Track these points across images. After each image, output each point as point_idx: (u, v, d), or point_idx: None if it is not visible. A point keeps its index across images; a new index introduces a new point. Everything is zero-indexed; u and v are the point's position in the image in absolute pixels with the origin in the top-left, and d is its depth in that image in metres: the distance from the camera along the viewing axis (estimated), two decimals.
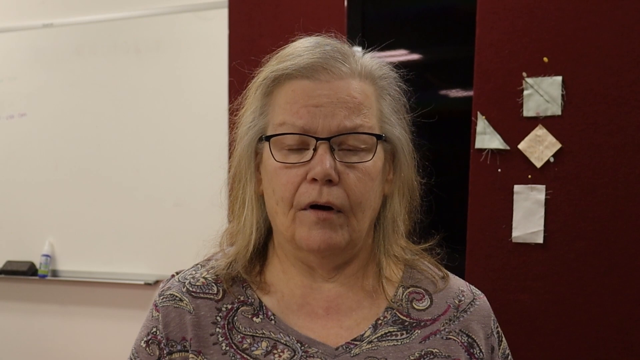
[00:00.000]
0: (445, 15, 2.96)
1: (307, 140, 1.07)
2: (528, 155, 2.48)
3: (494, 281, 2.54)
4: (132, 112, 3.81)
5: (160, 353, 1.19)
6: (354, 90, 1.09)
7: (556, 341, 2.50)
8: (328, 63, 1.09)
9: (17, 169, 4.09)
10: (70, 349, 4.13)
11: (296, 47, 1.14)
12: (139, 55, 3.77)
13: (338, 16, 2.86)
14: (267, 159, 1.12)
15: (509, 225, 2.53)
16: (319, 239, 1.09)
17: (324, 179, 1.06)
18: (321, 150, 1.06)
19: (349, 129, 1.07)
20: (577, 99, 2.43)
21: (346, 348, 1.14)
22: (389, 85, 1.18)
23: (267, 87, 1.13)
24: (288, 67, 1.09)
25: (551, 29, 2.45)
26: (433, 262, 1.28)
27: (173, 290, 1.22)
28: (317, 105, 1.07)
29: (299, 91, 1.08)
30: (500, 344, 1.24)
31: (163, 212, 3.74)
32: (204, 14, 3.58)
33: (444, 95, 2.99)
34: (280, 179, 1.09)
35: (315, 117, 1.06)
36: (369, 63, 1.15)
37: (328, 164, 1.05)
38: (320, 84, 1.08)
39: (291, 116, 1.07)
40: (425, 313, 1.20)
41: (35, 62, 4.03)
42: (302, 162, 1.08)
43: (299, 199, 1.08)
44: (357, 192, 1.09)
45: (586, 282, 2.45)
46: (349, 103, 1.07)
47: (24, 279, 4.13)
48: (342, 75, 1.09)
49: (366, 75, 1.13)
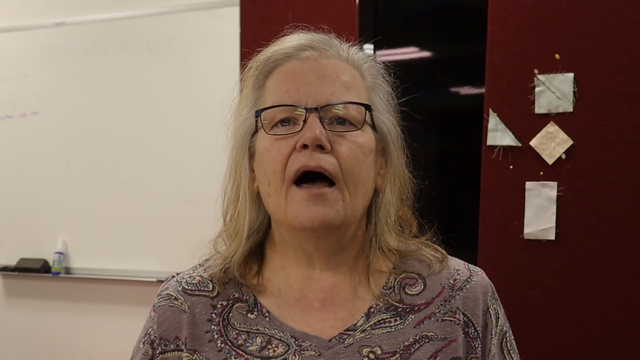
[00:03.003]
0: (457, 13, 2.96)
1: (297, 116, 1.08)
2: (540, 152, 2.47)
3: (505, 278, 2.54)
4: (144, 110, 3.82)
5: (153, 352, 1.20)
6: (342, 70, 1.11)
7: (567, 337, 2.49)
8: (315, 44, 1.12)
9: (30, 167, 4.11)
10: (83, 345, 4.15)
11: (283, 39, 1.17)
12: (150, 54, 3.78)
13: (350, 13, 2.86)
14: (260, 142, 1.13)
15: (521, 222, 2.52)
16: (312, 215, 1.07)
17: (314, 143, 1.05)
18: (311, 119, 1.06)
19: (337, 100, 1.08)
20: (588, 95, 2.42)
21: (339, 339, 1.14)
22: (377, 76, 1.19)
23: (258, 78, 1.15)
24: (276, 52, 1.13)
25: (563, 26, 2.45)
26: (432, 247, 1.26)
27: (170, 290, 1.24)
28: (306, 83, 1.08)
29: (288, 72, 1.11)
30: (497, 322, 1.20)
31: (175, 209, 3.75)
32: (216, 12, 3.59)
33: (456, 93, 2.99)
34: (271, 153, 1.09)
35: (304, 94, 1.08)
36: (357, 54, 1.17)
37: (318, 130, 1.05)
38: (308, 62, 1.10)
39: (282, 95, 1.09)
40: (418, 297, 1.19)
41: (47, 60, 4.05)
42: (292, 132, 1.08)
43: (290, 167, 1.08)
44: (348, 161, 1.08)
45: (598, 278, 2.45)
46: (336, 80, 1.09)
47: (37, 276, 4.15)
48: (329, 55, 1.11)
49: (354, 64, 1.15)
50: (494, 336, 1.19)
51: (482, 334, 1.18)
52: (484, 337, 1.18)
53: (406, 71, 1.33)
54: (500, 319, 1.21)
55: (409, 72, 3.00)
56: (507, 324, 1.23)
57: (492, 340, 1.19)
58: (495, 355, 1.19)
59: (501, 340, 1.21)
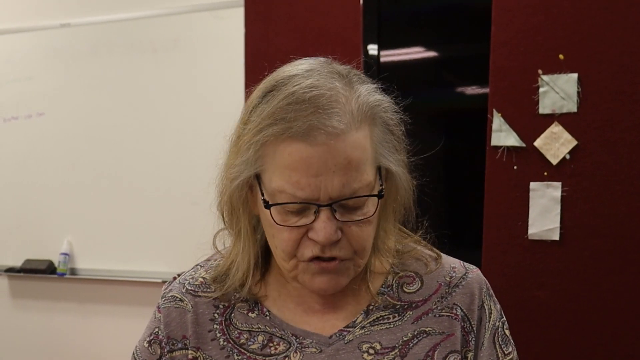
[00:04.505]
0: (461, 13, 2.96)
1: (308, 205, 1.06)
2: (544, 153, 2.48)
3: (510, 278, 2.54)
4: (149, 111, 3.83)
5: (162, 352, 1.23)
6: (351, 147, 1.04)
7: (572, 337, 2.50)
8: (324, 123, 1.02)
9: (35, 168, 4.12)
10: (89, 346, 4.16)
11: (288, 97, 1.05)
12: (155, 55, 3.79)
13: (354, 14, 2.87)
14: (266, 214, 1.10)
15: (525, 222, 2.53)
16: (325, 285, 1.12)
17: (328, 244, 1.06)
18: (323, 216, 1.05)
19: (348, 194, 1.05)
20: (592, 96, 2.43)
21: (339, 335, 1.18)
22: (386, 115, 1.12)
23: (258, 145, 1.07)
24: (281, 131, 1.04)
25: (566, 26, 2.45)
26: (426, 246, 1.28)
27: (174, 292, 1.28)
28: (316, 175, 1.03)
29: (296, 157, 1.03)
30: (490, 317, 1.23)
31: (180, 210, 3.75)
32: (220, 13, 3.60)
33: (460, 93, 2.99)
34: (282, 234, 1.09)
35: (315, 188, 1.03)
36: (365, 100, 1.08)
37: (331, 230, 1.05)
38: (317, 148, 1.02)
39: (291, 186, 1.04)
40: (416, 295, 1.22)
41: (52, 61, 4.06)
42: (304, 225, 1.07)
43: (302, 251, 1.09)
44: (360, 241, 1.09)
45: (602, 278, 2.45)
46: (346, 167, 1.04)
47: (42, 277, 4.16)
48: (337, 133, 1.03)
49: (362, 118, 1.07)
50: (487, 330, 1.22)
51: (476, 328, 1.21)
52: (477, 331, 1.21)
53: (410, 72, 1.34)
54: (494, 314, 1.24)
55: (413, 73, 3.01)
56: (502, 319, 1.25)
57: (485, 334, 1.22)
58: (487, 349, 1.21)
59: (493, 334, 1.23)
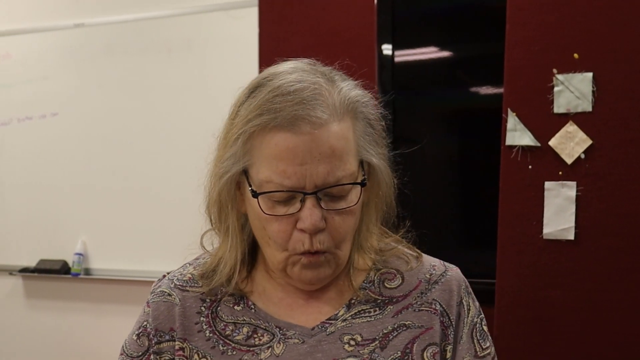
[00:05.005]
0: (475, 12, 2.96)
1: (294, 193, 1.13)
2: (559, 152, 2.47)
3: (524, 277, 2.54)
4: (163, 112, 3.84)
5: (149, 343, 1.29)
6: (334, 137, 1.12)
7: (587, 337, 2.49)
8: (308, 113, 1.10)
9: (49, 168, 4.15)
10: (103, 346, 4.16)
11: (274, 90, 1.15)
12: (169, 55, 3.80)
13: (368, 14, 2.86)
14: (254, 203, 1.17)
15: (540, 222, 2.52)
16: (311, 276, 1.20)
17: (314, 231, 1.14)
18: (309, 204, 1.13)
19: (332, 182, 1.12)
20: (607, 95, 2.41)
21: (322, 327, 1.25)
22: (366, 110, 1.22)
23: (246, 135, 1.16)
24: (268, 121, 1.12)
25: (581, 25, 2.44)
26: (407, 245, 1.36)
27: (163, 287, 1.35)
28: (301, 163, 1.10)
29: (282, 146, 1.11)
30: (468, 313, 1.31)
31: (194, 210, 3.74)
32: (235, 13, 3.61)
33: (475, 92, 2.99)
34: (272, 225, 1.17)
35: (301, 176, 1.11)
36: (346, 94, 1.17)
37: (317, 217, 1.13)
38: (302, 137, 1.10)
39: (278, 175, 1.11)
40: (396, 290, 1.30)
41: (66, 61, 4.08)
42: (291, 214, 1.15)
43: (294, 245, 1.17)
44: (341, 232, 1.18)
45: (617, 278, 2.44)
46: (330, 156, 1.11)
47: (57, 277, 4.18)
48: (321, 123, 1.11)
49: (344, 111, 1.15)
50: (465, 325, 1.30)
51: (455, 323, 1.29)
52: (456, 325, 1.29)
53: (425, 71, 1.34)
54: (472, 311, 1.32)
55: (428, 73, 3.00)
56: (480, 316, 1.33)
57: (464, 329, 1.30)
58: (465, 343, 1.29)
59: (472, 330, 1.30)
